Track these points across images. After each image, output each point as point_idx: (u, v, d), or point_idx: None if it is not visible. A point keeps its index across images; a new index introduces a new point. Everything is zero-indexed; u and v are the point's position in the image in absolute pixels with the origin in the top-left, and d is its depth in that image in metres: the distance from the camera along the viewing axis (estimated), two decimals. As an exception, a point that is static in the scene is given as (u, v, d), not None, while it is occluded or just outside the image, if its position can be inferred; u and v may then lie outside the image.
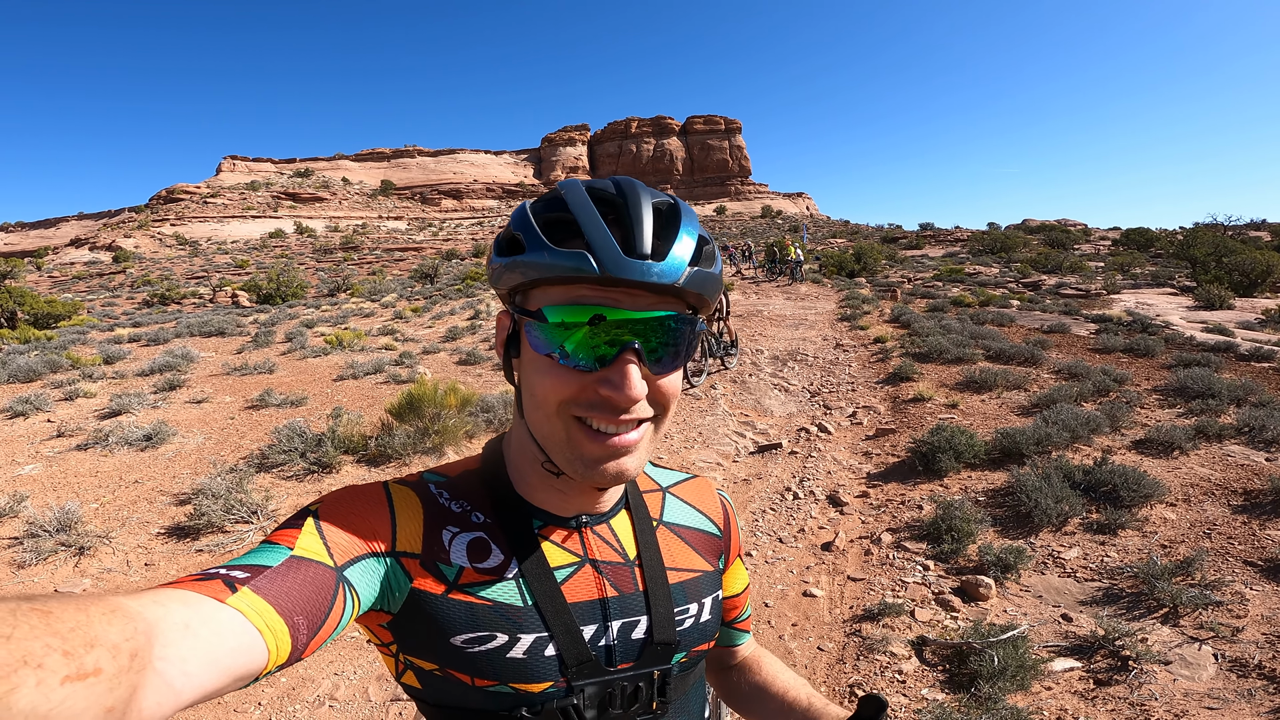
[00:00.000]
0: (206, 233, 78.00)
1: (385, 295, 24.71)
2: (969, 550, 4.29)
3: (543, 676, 0.76)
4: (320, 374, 10.49)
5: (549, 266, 0.69)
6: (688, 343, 0.75)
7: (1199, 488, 4.96)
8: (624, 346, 0.69)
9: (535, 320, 0.71)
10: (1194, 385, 7.22)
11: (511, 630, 0.75)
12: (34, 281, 43.28)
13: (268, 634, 0.57)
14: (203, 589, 0.56)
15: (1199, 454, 5.58)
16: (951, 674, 3.19)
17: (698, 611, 0.88)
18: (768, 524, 5.10)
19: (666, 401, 0.75)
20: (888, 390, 8.53)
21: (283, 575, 0.62)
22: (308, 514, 0.72)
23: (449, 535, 0.79)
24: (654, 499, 0.95)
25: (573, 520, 0.84)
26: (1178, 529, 4.42)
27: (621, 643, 0.82)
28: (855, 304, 16.02)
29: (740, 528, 4.95)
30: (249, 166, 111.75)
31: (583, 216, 0.71)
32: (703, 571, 0.92)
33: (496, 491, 0.84)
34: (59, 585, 4.24)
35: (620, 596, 0.83)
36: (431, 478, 0.85)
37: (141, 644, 0.45)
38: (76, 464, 6.43)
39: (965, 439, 5.72)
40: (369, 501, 0.77)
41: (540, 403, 0.73)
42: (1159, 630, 3.40)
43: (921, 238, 47.42)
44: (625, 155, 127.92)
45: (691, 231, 0.74)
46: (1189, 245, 22.88)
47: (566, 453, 0.73)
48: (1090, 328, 12.12)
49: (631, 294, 0.71)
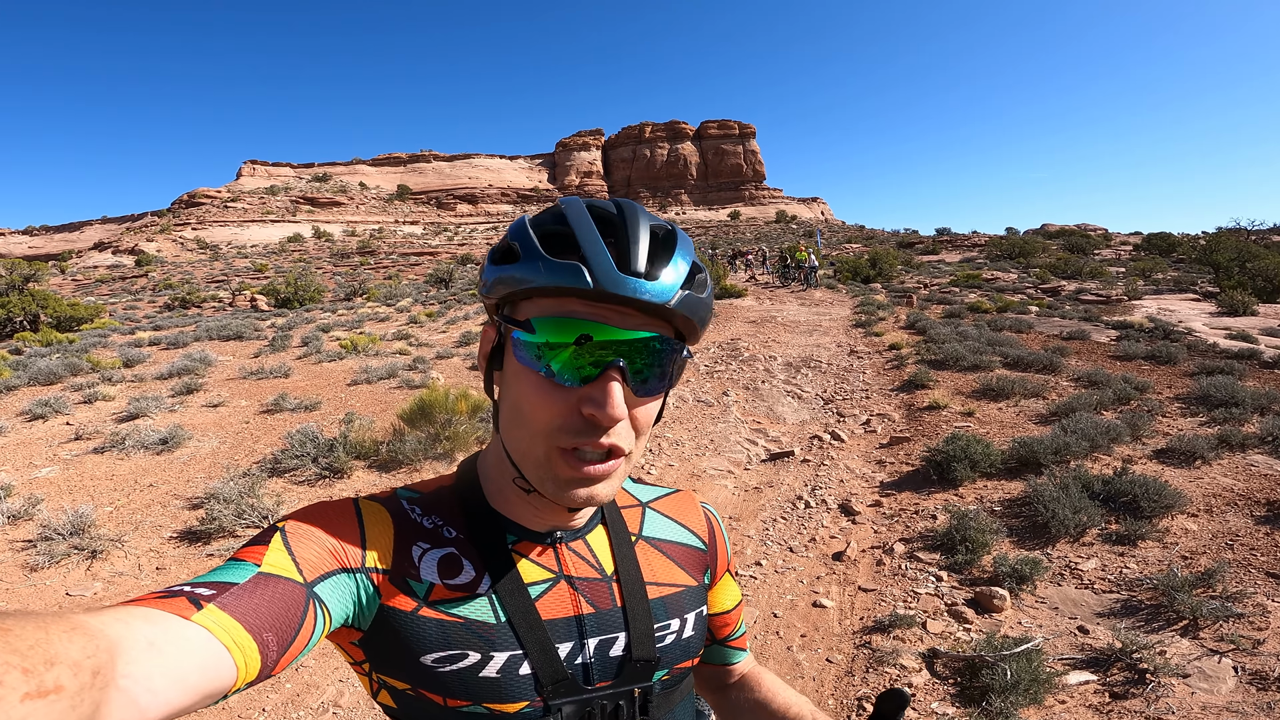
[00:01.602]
0: (227, 236, 79.12)
1: (400, 300, 24.88)
2: (983, 561, 4.22)
3: (517, 696, 0.74)
4: (335, 378, 10.56)
5: (543, 277, 0.69)
6: (671, 368, 0.74)
7: (1221, 498, 4.85)
8: (608, 365, 0.69)
9: (522, 330, 0.70)
10: (1217, 393, 7.09)
11: (484, 648, 0.74)
12: (58, 285, 44.00)
13: (235, 651, 0.56)
14: (167, 606, 0.55)
15: (1222, 464, 5.46)
16: (963, 687, 3.13)
17: (679, 627, 0.86)
18: (778, 533, 5.05)
19: (641, 428, 0.74)
20: (902, 398, 8.44)
21: (249, 592, 0.61)
22: (275, 530, 0.71)
23: (419, 551, 0.78)
24: (632, 514, 0.93)
25: (547, 536, 0.82)
26: (1199, 540, 4.33)
27: (599, 660, 0.80)
28: (870, 310, 15.90)
29: (750, 536, 4.93)
30: (268, 171, 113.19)
31: (581, 231, 0.70)
32: (685, 586, 0.90)
33: (470, 506, 0.82)
34: (70, 588, 4.28)
35: (597, 613, 0.81)
36: (405, 494, 0.84)
37: (104, 661, 0.43)
38: (93, 467, 6.50)
39: (981, 448, 5.63)
40: (338, 517, 0.76)
41: (526, 420, 0.72)
42: (1178, 643, 3.33)
43: (938, 243, 47.07)
44: (639, 160, 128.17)
45: (686, 257, 0.74)
46: (1212, 250, 22.51)
47: (541, 472, 0.72)
48: (1111, 334, 11.94)
49: (621, 312, 0.70)
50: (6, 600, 4.17)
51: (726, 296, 19.99)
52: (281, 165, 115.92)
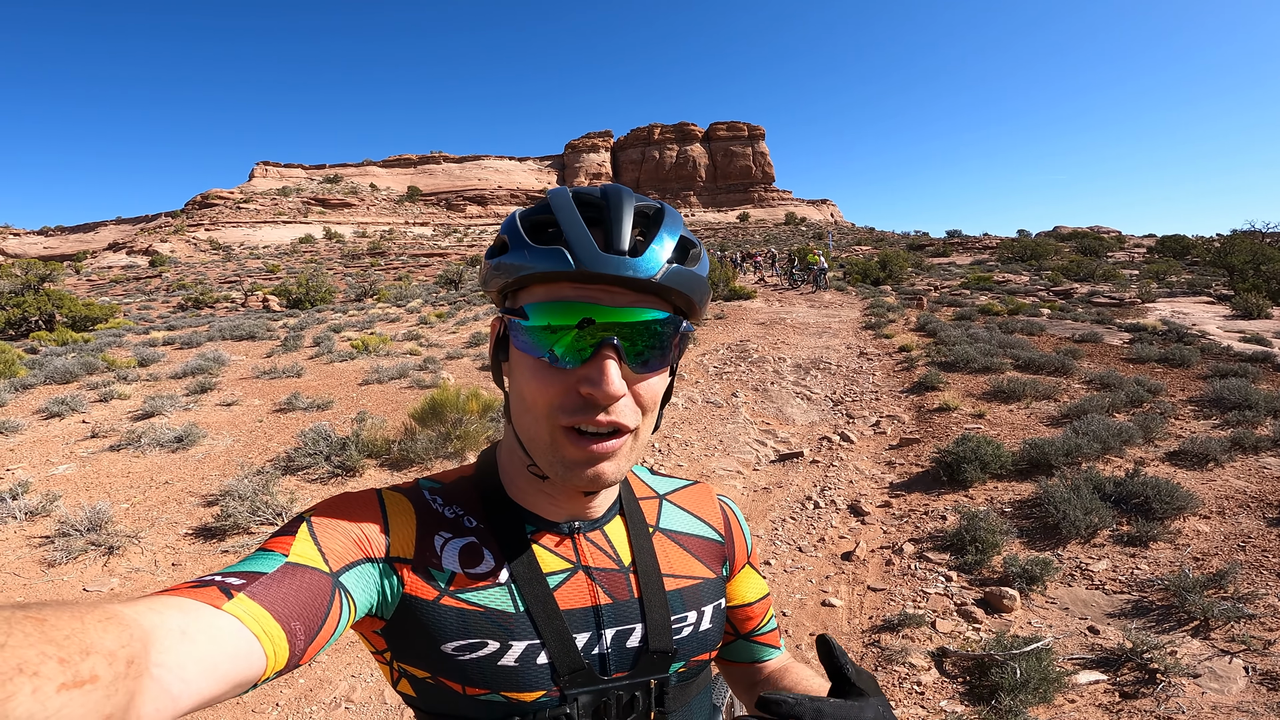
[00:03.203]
0: (239, 237, 79.70)
1: (410, 301, 24.99)
2: (993, 561, 4.21)
3: (535, 685, 0.75)
4: (346, 378, 10.63)
5: (530, 262, 0.71)
6: (671, 344, 0.76)
7: (1234, 500, 4.82)
8: (602, 343, 0.70)
9: (518, 318, 0.73)
10: (1230, 396, 7.03)
11: (503, 637, 0.75)
12: (73, 285, 44.45)
13: (265, 640, 0.57)
14: (198, 595, 0.57)
15: (1234, 466, 5.43)
16: (972, 686, 3.13)
17: (697, 620, 0.87)
18: (787, 533, 5.06)
19: (647, 405, 0.75)
20: (912, 399, 8.42)
21: (278, 582, 0.63)
22: (301, 521, 0.73)
23: (441, 541, 0.79)
24: (650, 506, 0.94)
25: (565, 526, 0.83)
26: (1211, 541, 4.30)
27: (616, 651, 0.81)
28: (880, 312, 15.85)
29: (759, 536, 4.94)
30: (281, 172, 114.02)
31: (563, 216, 0.72)
32: (703, 579, 0.91)
33: (489, 496, 0.84)
34: (87, 584, 4.34)
35: (614, 604, 0.82)
36: (426, 484, 0.86)
37: (138, 651, 0.45)
38: (109, 464, 6.58)
39: (991, 449, 5.62)
40: (362, 507, 0.78)
41: (529, 405, 0.74)
42: (1189, 643, 3.31)
43: (949, 245, 46.84)
44: (648, 161, 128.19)
45: (673, 232, 0.75)
46: (1226, 253, 22.28)
47: (549, 455, 0.74)
48: (1124, 337, 11.86)
49: (610, 291, 0.72)
50: (26, 595, 4.24)
51: (736, 298, 19.97)
52: (293, 166, 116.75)
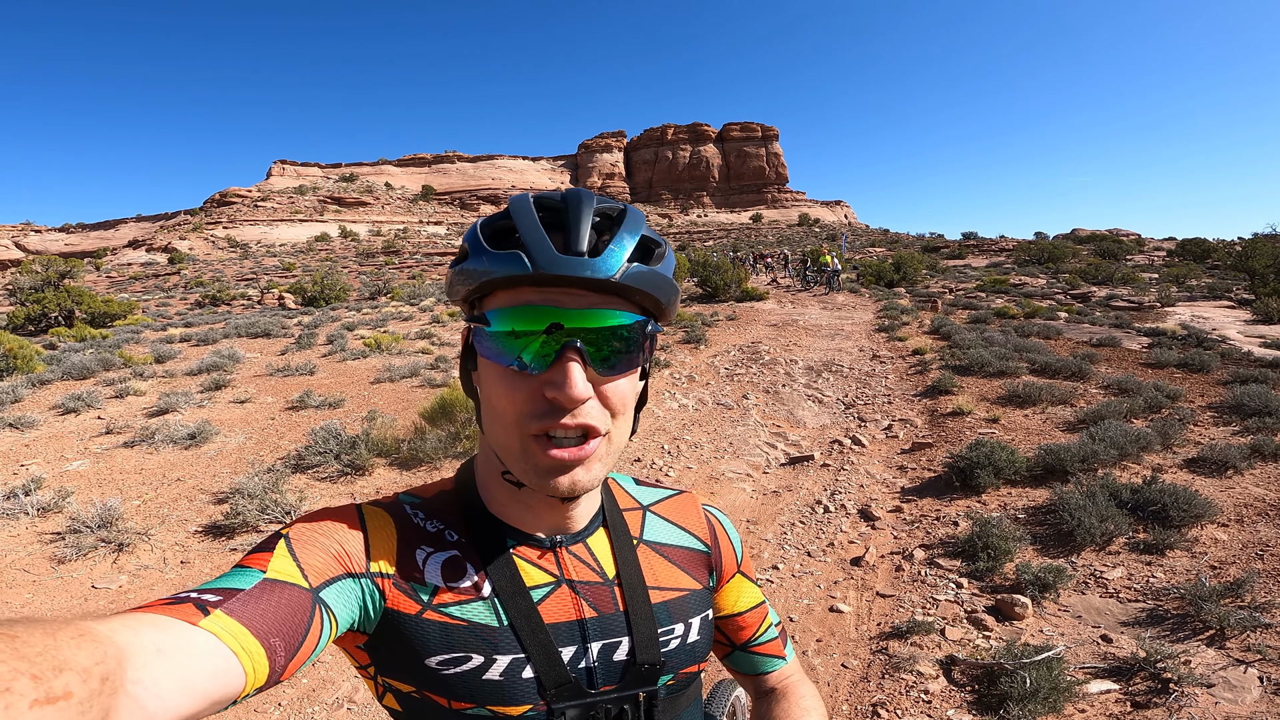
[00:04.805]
0: (256, 235, 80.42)
1: (424, 299, 25.09)
2: (1006, 568, 4.15)
3: (521, 699, 0.74)
4: (359, 376, 10.69)
5: (488, 267, 0.70)
6: (639, 346, 0.74)
7: (1253, 508, 4.73)
8: (565, 345, 0.69)
9: (481, 325, 0.72)
10: (1250, 402, 6.91)
11: (487, 651, 0.74)
12: (92, 281, 45.02)
13: (243, 656, 0.56)
14: (174, 612, 0.56)
15: (1254, 473, 5.33)
16: (980, 695, 3.08)
17: (684, 632, 0.86)
18: (796, 537, 5.02)
19: (616, 407, 0.74)
20: (925, 403, 8.34)
21: (256, 598, 0.62)
22: (279, 537, 0.72)
23: (423, 555, 0.78)
24: (634, 517, 0.92)
25: (547, 539, 0.82)
26: (1229, 550, 4.22)
27: (603, 665, 0.80)
28: (894, 314, 15.74)
29: (767, 540, 4.90)
30: (297, 171, 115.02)
31: (521, 220, 0.71)
32: (689, 590, 0.89)
33: (469, 510, 0.83)
34: (96, 581, 4.37)
35: (599, 617, 0.81)
36: (407, 499, 0.85)
37: (112, 668, 0.44)
38: (123, 461, 6.64)
39: (1006, 454, 5.54)
40: (341, 523, 0.76)
41: (498, 413, 0.72)
42: (1203, 652, 3.25)
43: (964, 247, 46.43)
44: (661, 162, 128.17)
45: (634, 232, 0.74)
46: (1247, 256, 21.93)
47: (522, 463, 0.72)
48: (1142, 341, 11.70)
49: (571, 293, 0.70)
50: (34, 592, 4.28)
51: (748, 299, 19.93)
52: (310, 165, 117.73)
